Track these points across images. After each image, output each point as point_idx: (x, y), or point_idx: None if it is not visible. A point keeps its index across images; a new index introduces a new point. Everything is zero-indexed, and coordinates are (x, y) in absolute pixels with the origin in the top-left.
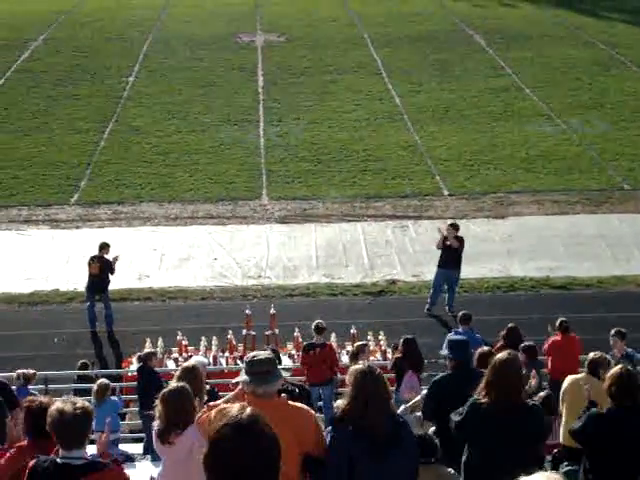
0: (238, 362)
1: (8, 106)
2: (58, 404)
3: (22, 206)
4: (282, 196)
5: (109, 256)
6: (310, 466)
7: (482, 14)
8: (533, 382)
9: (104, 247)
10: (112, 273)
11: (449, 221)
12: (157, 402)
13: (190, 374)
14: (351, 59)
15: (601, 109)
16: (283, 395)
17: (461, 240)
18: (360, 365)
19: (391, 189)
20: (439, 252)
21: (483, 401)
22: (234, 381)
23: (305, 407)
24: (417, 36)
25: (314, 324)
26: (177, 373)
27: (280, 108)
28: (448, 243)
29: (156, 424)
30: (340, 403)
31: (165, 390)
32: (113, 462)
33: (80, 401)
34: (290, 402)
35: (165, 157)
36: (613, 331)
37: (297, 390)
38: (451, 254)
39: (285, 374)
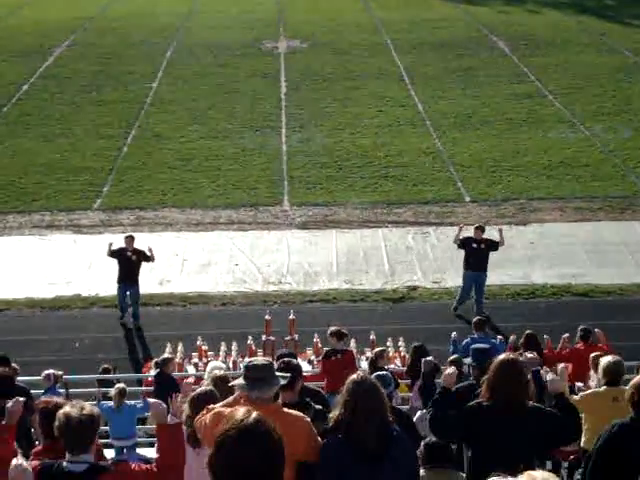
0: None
1: (32, 112)
2: (66, 408)
3: (45, 211)
4: (303, 202)
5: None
6: (303, 473)
7: (506, 20)
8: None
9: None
10: (152, 260)
11: (475, 225)
12: (185, 406)
13: (223, 383)
14: (374, 65)
15: (625, 116)
16: (278, 402)
17: (489, 242)
18: (354, 375)
19: (413, 195)
20: (461, 257)
21: (485, 403)
22: (231, 384)
23: (300, 414)
24: (440, 42)
25: (334, 329)
26: (207, 382)
27: (302, 114)
28: (474, 246)
29: (184, 428)
30: (333, 412)
31: (194, 394)
32: (113, 464)
33: (87, 406)
34: (285, 409)
35: (187, 163)
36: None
37: (314, 409)
38: (479, 256)
39: (282, 382)
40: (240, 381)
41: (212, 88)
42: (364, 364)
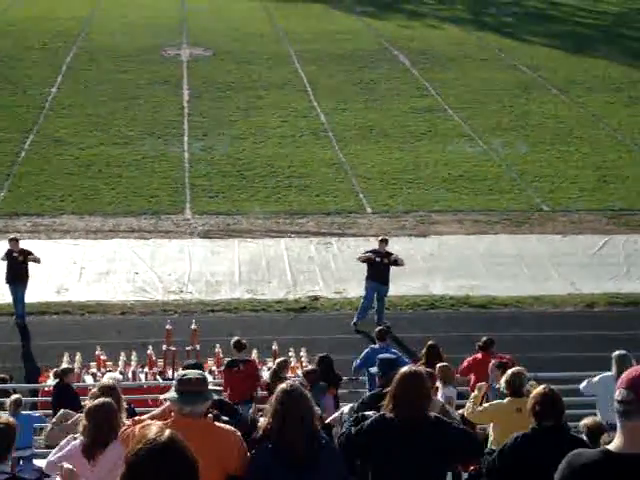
0: (157, 378)
1: None
2: None
3: None
4: (205, 211)
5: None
6: None
7: (407, 35)
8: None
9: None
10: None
11: (379, 237)
12: (81, 417)
13: (111, 393)
14: (277, 75)
15: (521, 131)
16: (209, 416)
17: (392, 258)
18: (284, 384)
19: (315, 206)
20: (363, 267)
21: (387, 415)
22: (162, 397)
23: (231, 428)
24: (343, 54)
25: (234, 340)
26: (94, 390)
27: (205, 122)
28: (377, 259)
29: (79, 440)
30: (261, 421)
31: (90, 405)
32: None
33: (4, 416)
34: (216, 423)
35: (87, 169)
36: (494, 362)
37: (232, 420)
38: (382, 268)
39: (215, 396)
40: (172, 394)
41: (113, 94)
42: (266, 374)
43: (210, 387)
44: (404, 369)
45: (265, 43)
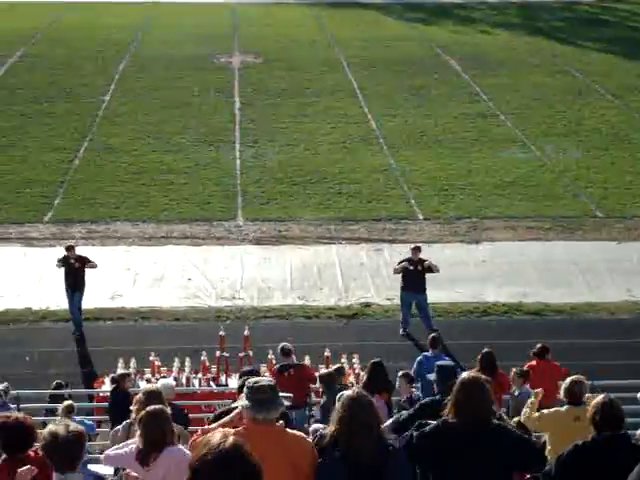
0: (211, 384)
1: None
2: (51, 427)
3: None
4: (257, 217)
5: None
6: None
7: (459, 40)
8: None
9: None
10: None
11: (412, 246)
12: (136, 424)
13: (156, 398)
14: (328, 82)
15: (575, 137)
16: (281, 422)
17: (427, 265)
18: (349, 391)
19: (366, 212)
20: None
21: (451, 420)
22: (233, 405)
23: (302, 435)
24: (394, 60)
25: (280, 346)
26: (139, 396)
27: (256, 129)
28: (411, 268)
29: (134, 446)
30: (328, 429)
31: (144, 412)
32: None
33: (73, 425)
34: (288, 429)
35: (140, 176)
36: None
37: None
38: (416, 277)
39: (286, 403)
40: (245, 402)
41: (165, 102)
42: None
43: (280, 394)
44: (465, 375)
45: (316, 50)
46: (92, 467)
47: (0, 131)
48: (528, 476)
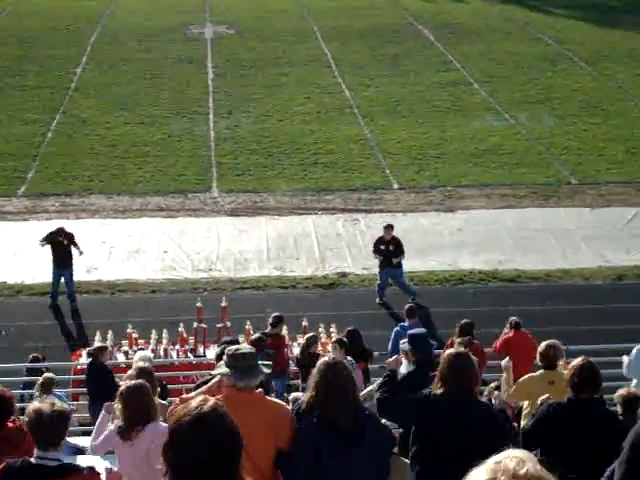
0: (189, 355)
1: None
2: (35, 404)
3: None
4: (232, 189)
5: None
6: (280, 460)
7: (432, 9)
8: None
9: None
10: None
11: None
12: (116, 399)
13: (146, 375)
14: (301, 52)
15: (549, 104)
16: (260, 390)
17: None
18: (325, 358)
19: (342, 182)
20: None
21: (437, 392)
22: (213, 373)
23: (282, 403)
24: (367, 30)
25: (272, 316)
26: (130, 372)
27: (230, 100)
28: (382, 247)
29: (116, 422)
30: (305, 395)
31: (123, 387)
32: (89, 468)
33: (58, 402)
34: (267, 397)
35: (114, 149)
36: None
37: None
38: (389, 255)
39: (266, 370)
40: (225, 369)
41: (138, 73)
42: (296, 350)
43: (260, 362)
44: (453, 350)
45: (288, 19)
46: (71, 440)
47: None
48: None
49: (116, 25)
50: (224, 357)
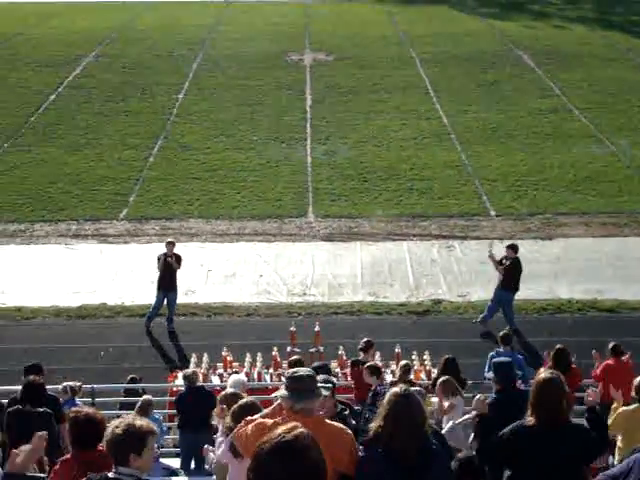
0: (282, 379)
1: (59, 121)
2: (114, 422)
3: (71, 221)
4: (328, 214)
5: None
6: None
7: (532, 35)
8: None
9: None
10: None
11: (506, 242)
12: (228, 417)
13: (233, 400)
14: (399, 78)
15: None
16: (321, 413)
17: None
18: (397, 388)
19: (437, 208)
20: (487, 271)
21: (529, 423)
22: (273, 395)
23: (342, 426)
24: (466, 56)
25: (363, 341)
26: (234, 408)
27: (327, 127)
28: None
29: (229, 437)
30: (373, 424)
31: (236, 406)
32: None
33: (127, 421)
34: (327, 420)
35: (213, 174)
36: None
37: (347, 410)
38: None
39: (325, 393)
40: (283, 392)
41: (237, 100)
42: (389, 377)
43: (320, 384)
44: (542, 375)
45: (386, 46)
46: (164, 461)
47: (76, 130)
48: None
49: (217, 52)
50: (284, 379)
